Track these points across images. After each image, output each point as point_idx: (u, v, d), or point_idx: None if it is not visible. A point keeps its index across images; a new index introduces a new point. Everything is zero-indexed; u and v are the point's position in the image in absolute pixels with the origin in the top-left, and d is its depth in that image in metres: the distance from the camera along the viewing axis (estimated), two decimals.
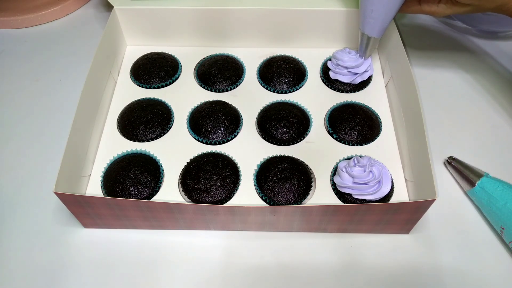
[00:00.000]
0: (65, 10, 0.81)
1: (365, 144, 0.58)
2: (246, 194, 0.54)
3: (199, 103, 0.63)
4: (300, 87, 0.65)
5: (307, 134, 0.60)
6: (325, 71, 0.66)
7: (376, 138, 0.59)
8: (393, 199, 0.53)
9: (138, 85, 0.66)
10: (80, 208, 0.49)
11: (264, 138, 0.59)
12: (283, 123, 0.58)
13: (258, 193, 0.54)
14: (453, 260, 0.50)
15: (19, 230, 0.53)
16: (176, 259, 0.51)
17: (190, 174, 0.54)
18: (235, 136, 0.60)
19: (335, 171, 0.55)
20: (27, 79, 0.70)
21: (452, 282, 0.49)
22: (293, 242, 0.52)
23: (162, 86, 0.66)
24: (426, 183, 0.48)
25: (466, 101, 0.65)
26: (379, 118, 0.61)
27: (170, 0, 0.66)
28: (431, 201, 0.45)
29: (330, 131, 0.59)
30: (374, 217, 0.49)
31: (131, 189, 0.53)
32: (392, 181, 0.54)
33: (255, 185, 0.54)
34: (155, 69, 0.66)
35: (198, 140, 0.59)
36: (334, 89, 0.65)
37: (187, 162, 0.56)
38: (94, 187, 0.55)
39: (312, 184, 0.54)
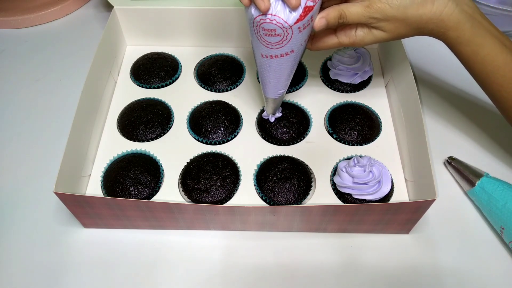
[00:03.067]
0: (65, 10, 0.81)
1: (365, 144, 0.58)
2: (246, 194, 0.54)
3: (199, 103, 0.63)
4: (300, 87, 0.65)
5: (307, 134, 0.60)
6: (325, 71, 0.66)
7: (376, 138, 0.59)
8: (393, 199, 0.53)
9: (138, 85, 0.66)
10: (80, 208, 0.49)
11: (264, 138, 0.59)
12: (283, 123, 0.58)
13: (258, 193, 0.54)
14: (453, 260, 0.50)
15: (19, 230, 0.53)
16: (176, 259, 0.51)
17: (190, 174, 0.54)
18: (235, 136, 0.60)
19: (335, 171, 0.55)
20: (27, 79, 0.71)
21: (452, 282, 0.49)
22: (293, 242, 0.52)
23: (162, 86, 0.66)
24: (426, 183, 0.48)
25: (466, 101, 0.65)
26: (379, 118, 0.61)
27: (170, 0, 0.66)
28: (431, 201, 0.45)
29: (330, 131, 0.59)
30: (374, 217, 0.49)
31: (131, 189, 0.53)
32: (392, 181, 0.54)
33: (255, 185, 0.54)
34: (155, 69, 0.66)
35: (198, 140, 0.59)
36: (334, 89, 0.65)
37: (187, 162, 0.56)
38: (94, 187, 0.55)
39: (312, 184, 0.54)
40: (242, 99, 0.64)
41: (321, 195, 0.54)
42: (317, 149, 0.58)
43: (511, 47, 0.47)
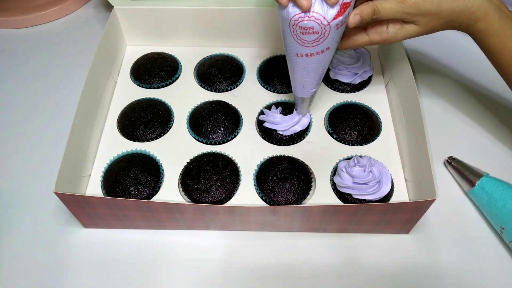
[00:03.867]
0: (65, 10, 0.81)
1: (365, 144, 0.58)
2: (246, 194, 0.54)
3: (199, 103, 0.63)
4: None
5: (307, 134, 0.60)
6: None
7: (376, 138, 0.59)
8: (393, 199, 0.53)
9: (138, 85, 0.66)
10: (80, 208, 0.49)
11: (264, 138, 0.59)
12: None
13: (258, 193, 0.54)
14: (453, 260, 0.50)
15: (19, 230, 0.53)
16: (176, 259, 0.51)
17: (190, 174, 0.54)
18: (235, 136, 0.60)
19: (335, 171, 0.55)
20: (27, 79, 0.71)
21: (452, 282, 0.49)
22: (293, 242, 0.52)
23: (162, 86, 0.66)
24: (426, 183, 0.48)
25: (466, 101, 0.65)
26: (379, 118, 0.61)
27: (170, 0, 0.66)
28: (431, 201, 0.45)
29: (330, 131, 0.59)
30: (374, 217, 0.49)
31: (131, 189, 0.53)
32: (392, 181, 0.54)
33: (255, 185, 0.54)
34: (155, 69, 0.66)
35: (198, 140, 0.59)
36: (334, 89, 0.65)
37: (187, 162, 0.56)
38: (94, 187, 0.55)
39: (312, 184, 0.54)
40: (242, 99, 0.64)
41: (321, 195, 0.54)
42: (317, 149, 0.58)
43: None
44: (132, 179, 0.53)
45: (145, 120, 0.60)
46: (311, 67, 0.48)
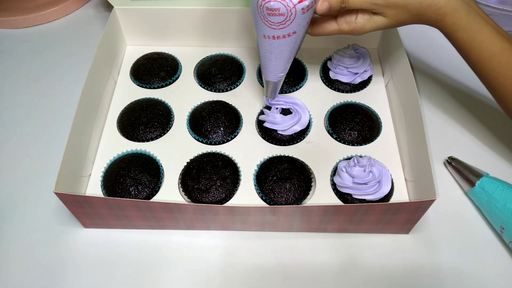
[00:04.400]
0: (65, 10, 0.81)
1: (365, 144, 0.58)
2: (246, 194, 0.54)
3: (199, 103, 0.63)
4: (300, 87, 0.65)
5: (307, 134, 0.60)
6: (325, 71, 0.66)
7: (376, 138, 0.59)
8: (393, 199, 0.53)
9: (138, 85, 0.66)
10: (80, 208, 0.49)
11: (264, 138, 0.59)
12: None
13: (258, 193, 0.54)
14: (453, 260, 0.50)
15: (19, 230, 0.53)
16: (176, 259, 0.51)
17: (190, 174, 0.54)
18: (235, 136, 0.60)
19: (335, 171, 0.55)
20: (27, 79, 0.71)
21: (452, 282, 0.49)
22: (293, 242, 0.52)
23: (162, 86, 0.66)
24: (426, 183, 0.48)
25: (467, 101, 0.65)
26: (379, 118, 0.61)
27: (170, 0, 0.66)
28: (431, 201, 0.45)
29: (330, 131, 0.59)
30: (374, 217, 0.49)
31: (131, 189, 0.53)
32: (392, 181, 0.54)
33: (255, 185, 0.54)
34: (155, 69, 0.66)
35: (198, 140, 0.59)
36: (334, 89, 0.65)
37: (187, 162, 0.56)
38: (94, 187, 0.55)
39: (312, 184, 0.54)
40: (242, 99, 0.64)
41: (321, 195, 0.54)
42: (317, 149, 0.58)
43: (506, 36, 0.49)
44: (132, 179, 0.53)
45: (145, 120, 0.60)
46: (278, 49, 0.49)
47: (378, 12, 0.47)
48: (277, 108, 0.58)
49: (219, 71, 0.65)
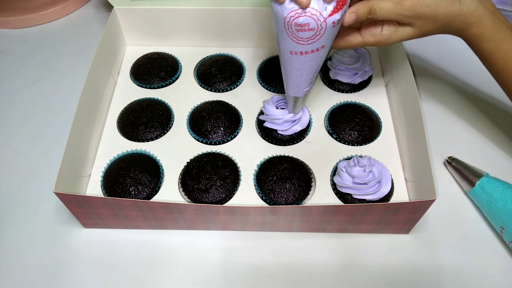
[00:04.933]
0: (65, 10, 0.81)
1: (365, 144, 0.58)
2: (246, 194, 0.54)
3: (199, 103, 0.63)
4: None
5: (307, 134, 0.60)
6: (325, 71, 0.66)
7: (376, 138, 0.59)
8: (393, 199, 0.53)
9: (138, 85, 0.66)
10: (80, 208, 0.49)
11: (264, 138, 0.59)
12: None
13: (258, 193, 0.54)
14: (453, 260, 0.50)
15: (19, 230, 0.53)
16: (176, 259, 0.51)
17: (190, 174, 0.54)
18: (235, 136, 0.60)
19: (335, 171, 0.55)
20: (27, 79, 0.71)
21: (452, 282, 0.49)
22: (293, 242, 0.52)
23: (162, 86, 0.66)
24: (426, 183, 0.48)
25: (467, 101, 0.65)
26: (379, 118, 0.61)
27: (170, 0, 0.66)
28: (431, 201, 0.45)
29: (330, 131, 0.59)
30: (374, 217, 0.49)
31: (131, 189, 0.53)
32: (392, 181, 0.54)
33: (255, 185, 0.54)
34: (155, 69, 0.66)
35: (198, 140, 0.59)
36: (334, 89, 0.65)
37: (187, 162, 0.56)
38: (94, 187, 0.55)
39: (312, 184, 0.54)
40: (242, 99, 0.64)
41: (321, 195, 0.54)
42: (317, 149, 0.58)
43: None
44: (132, 179, 0.53)
45: (145, 120, 0.60)
46: (305, 65, 0.47)
47: (405, 23, 0.46)
48: (277, 108, 0.58)
49: (219, 71, 0.65)
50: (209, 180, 0.53)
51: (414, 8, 0.45)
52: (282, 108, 0.58)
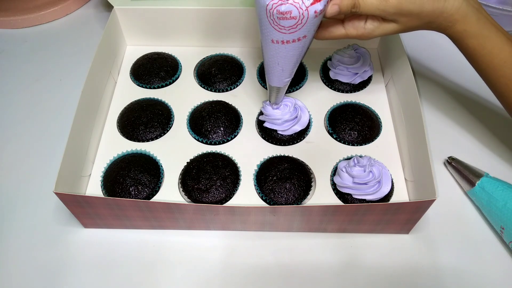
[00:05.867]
0: (65, 10, 0.81)
1: (365, 144, 0.58)
2: (246, 194, 0.54)
3: (199, 103, 0.63)
4: (300, 87, 0.65)
5: (307, 134, 0.60)
6: (325, 71, 0.66)
7: (376, 138, 0.59)
8: (393, 199, 0.53)
9: (138, 85, 0.66)
10: (80, 208, 0.49)
11: (264, 138, 0.59)
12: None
13: (258, 193, 0.54)
14: (453, 260, 0.50)
15: (19, 230, 0.53)
16: (176, 259, 0.51)
17: (190, 174, 0.54)
18: (235, 136, 0.60)
19: (335, 171, 0.55)
20: (27, 79, 0.71)
21: (452, 282, 0.49)
22: (293, 242, 0.52)
23: (162, 86, 0.66)
24: (426, 183, 0.48)
25: (467, 101, 0.65)
26: (379, 118, 0.61)
27: (170, 0, 0.66)
28: (431, 201, 0.45)
29: (330, 131, 0.59)
30: (374, 217, 0.49)
31: (131, 189, 0.53)
32: (392, 181, 0.54)
33: (255, 185, 0.54)
34: (155, 69, 0.66)
35: (198, 140, 0.59)
36: (334, 89, 0.65)
37: (187, 162, 0.56)
38: (94, 187, 0.55)
39: (312, 184, 0.54)
40: (242, 99, 0.64)
41: (321, 195, 0.54)
42: (317, 149, 0.58)
43: None
44: (132, 179, 0.53)
45: (145, 120, 0.60)
46: (287, 55, 0.47)
47: (389, 19, 0.46)
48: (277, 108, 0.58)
49: (219, 71, 0.65)
50: (209, 180, 0.53)
51: (399, 5, 0.44)
52: (285, 105, 0.58)
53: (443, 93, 0.67)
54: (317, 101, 0.63)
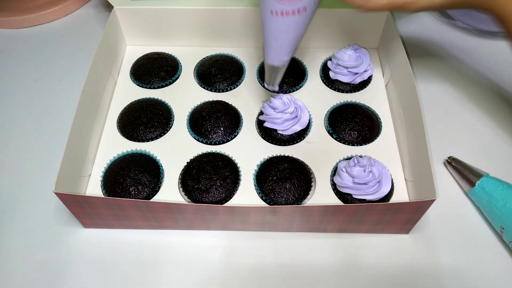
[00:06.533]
0: (65, 10, 0.81)
1: (365, 144, 0.58)
2: (246, 194, 0.54)
3: (199, 103, 0.63)
4: (300, 87, 0.65)
5: (307, 134, 0.60)
6: (325, 71, 0.66)
7: (376, 138, 0.59)
8: (393, 199, 0.53)
9: (138, 85, 0.66)
10: (80, 208, 0.49)
11: (264, 138, 0.59)
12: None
13: (258, 193, 0.54)
14: (453, 260, 0.50)
15: (19, 230, 0.53)
16: (176, 259, 0.51)
17: (190, 174, 0.54)
18: (235, 136, 0.60)
19: (335, 171, 0.55)
20: (27, 79, 0.70)
21: (452, 282, 0.49)
22: (293, 242, 0.52)
23: (162, 86, 0.66)
24: (426, 183, 0.48)
25: (466, 101, 0.65)
26: (379, 118, 0.61)
27: (170, 0, 0.66)
28: (431, 201, 0.45)
29: (330, 131, 0.59)
30: (374, 217, 0.49)
31: (131, 189, 0.53)
32: (392, 181, 0.54)
33: (255, 185, 0.54)
34: (155, 69, 0.66)
35: (198, 140, 0.59)
36: (334, 89, 0.65)
37: (187, 162, 0.56)
38: (94, 187, 0.55)
39: (312, 184, 0.54)
40: (242, 99, 0.64)
41: (321, 195, 0.54)
42: (317, 149, 0.58)
43: None
44: (132, 179, 0.53)
45: (145, 120, 0.60)
46: (284, 28, 0.46)
47: None
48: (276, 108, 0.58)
49: (219, 71, 0.65)
50: (209, 180, 0.53)
51: None
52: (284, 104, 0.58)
53: (443, 92, 0.67)
54: (317, 101, 0.63)
